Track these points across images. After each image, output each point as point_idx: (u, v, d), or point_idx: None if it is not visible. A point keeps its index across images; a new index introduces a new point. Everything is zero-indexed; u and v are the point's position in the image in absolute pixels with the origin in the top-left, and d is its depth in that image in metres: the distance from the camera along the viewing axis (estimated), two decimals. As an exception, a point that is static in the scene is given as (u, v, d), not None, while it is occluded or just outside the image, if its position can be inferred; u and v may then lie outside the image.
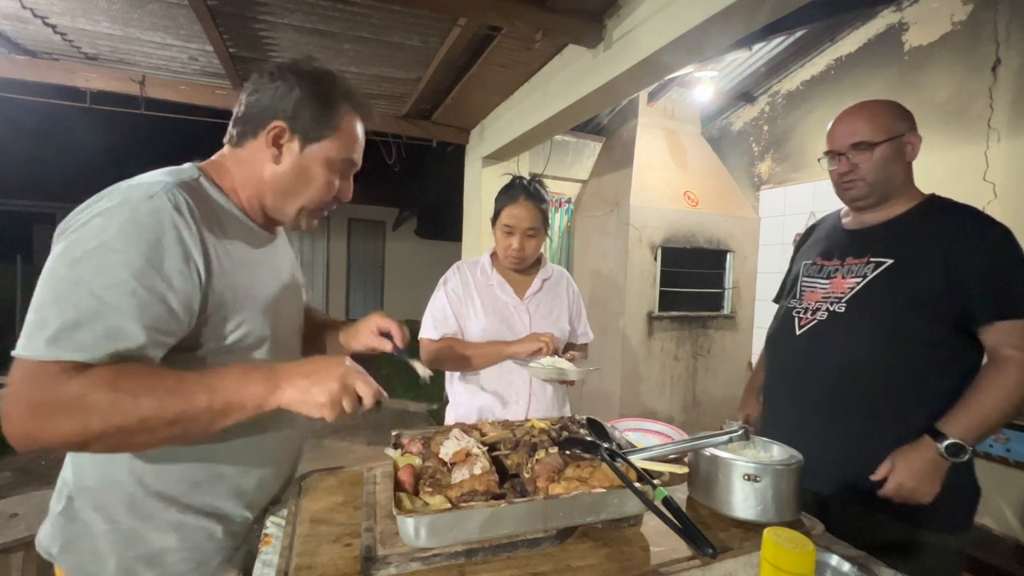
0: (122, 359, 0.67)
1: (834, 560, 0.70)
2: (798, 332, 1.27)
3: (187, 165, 0.85)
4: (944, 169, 2.69)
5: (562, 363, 1.35)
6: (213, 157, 0.90)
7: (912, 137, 1.17)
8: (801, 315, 1.28)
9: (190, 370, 0.71)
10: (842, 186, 1.24)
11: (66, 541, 0.81)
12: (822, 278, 1.28)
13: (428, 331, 1.52)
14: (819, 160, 1.29)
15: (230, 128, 0.89)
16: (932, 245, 1.10)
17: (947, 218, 1.13)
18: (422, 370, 1.06)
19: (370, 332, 1.07)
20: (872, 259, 1.18)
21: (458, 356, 1.46)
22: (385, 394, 0.78)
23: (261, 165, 0.86)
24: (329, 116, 0.87)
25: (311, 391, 0.71)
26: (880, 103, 1.20)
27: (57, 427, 0.63)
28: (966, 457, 1.02)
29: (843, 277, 1.22)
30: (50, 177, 6.03)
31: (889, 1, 2.96)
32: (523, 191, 1.48)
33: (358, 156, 0.93)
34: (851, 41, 3.23)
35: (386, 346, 1.06)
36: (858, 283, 1.18)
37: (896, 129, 1.16)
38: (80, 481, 0.81)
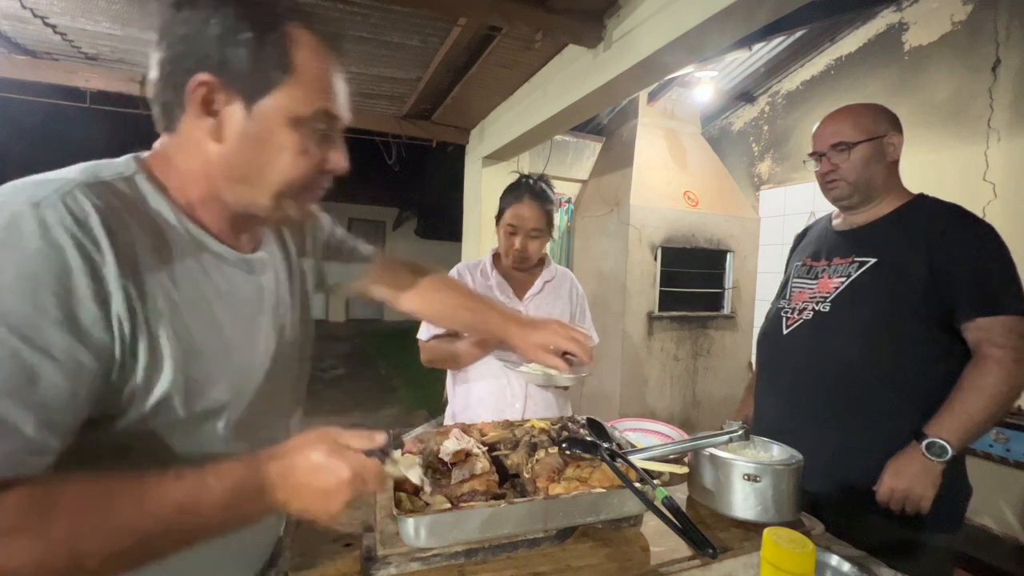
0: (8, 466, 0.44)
1: (834, 560, 0.70)
2: (785, 332, 1.28)
3: (124, 157, 0.60)
4: (944, 169, 2.69)
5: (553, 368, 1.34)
6: (153, 148, 0.63)
7: (894, 138, 1.19)
8: (789, 315, 1.30)
9: (118, 462, 0.52)
10: (825, 186, 1.27)
11: None
12: (810, 278, 1.29)
13: (421, 332, 1.52)
14: (804, 162, 1.31)
15: (152, 102, 0.61)
16: (916, 243, 1.11)
17: (931, 217, 1.14)
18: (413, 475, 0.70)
19: (539, 347, 0.97)
20: (856, 258, 1.20)
21: (447, 353, 1.46)
22: (385, 448, 0.61)
23: (201, 146, 0.59)
24: (276, 50, 0.57)
25: (319, 502, 0.55)
26: (863, 105, 1.23)
27: None
28: (949, 457, 1.01)
29: (829, 277, 1.24)
30: (50, 177, 6.00)
31: (889, 1, 2.96)
32: (528, 191, 1.47)
33: (337, 103, 0.63)
34: (851, 41, 3.23)
35: (559, 365, 0.95)
36: (842, 282, 1.20)
37: (876, 130, 1.18)
38: None
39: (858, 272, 1.18)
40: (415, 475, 0.66)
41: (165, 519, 0.49)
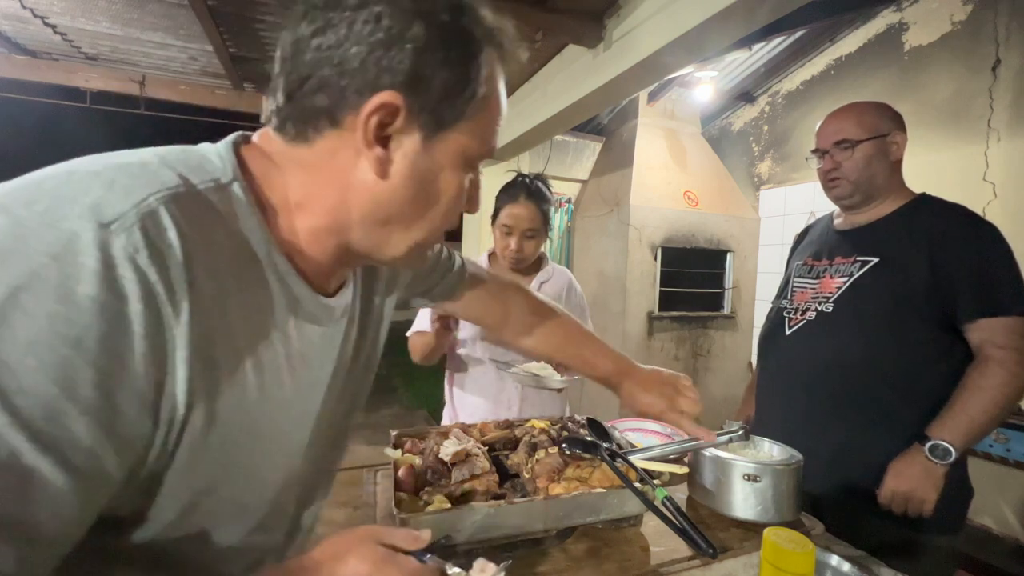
0: None
1: (834, 560, 0.70)
2: (788, 332, 1.28)
3: (222, 151, 0.45)
4: (944, 169, 2.69)
5: (545, 370, 1.32)
6: (256, 141, 0.48)
7: (897, 137, 1.18)
8: (791, 315, 1.29)
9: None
10: (827, 184, 1.26)
11: None
12: (811, 278, 1.29)
13: (412, 329, 1.50)
14: (806, 159, 1.30)
15: (273, 103, 0.47)
16: (918, 243, 1.11)
17: (934, 216, 1.13)
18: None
19: (646, 406, 0.88)
20: (859, 258, 1.19)
21: (424, 346, 1.44)
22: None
23: (350, 176, 0.45)
24: (473, 77, 0.46)
25: None
26: (867, 104, 1.22)
27: None
28: (952, 459, 1.01)
29: (831, 277, 1.23)
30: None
31: (889, 1, 2.96)
32: (524, 190, 1.44)
33: (497, 139, 0.53)
34: (851, 41, 3.23)
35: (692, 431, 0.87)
36: (845, 282, 1.19)
37: (880, 128, 1.17)
38: None
39: (860, 272, 1.17)
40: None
41: None
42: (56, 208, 0.32)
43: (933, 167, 2.72)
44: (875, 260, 1.16)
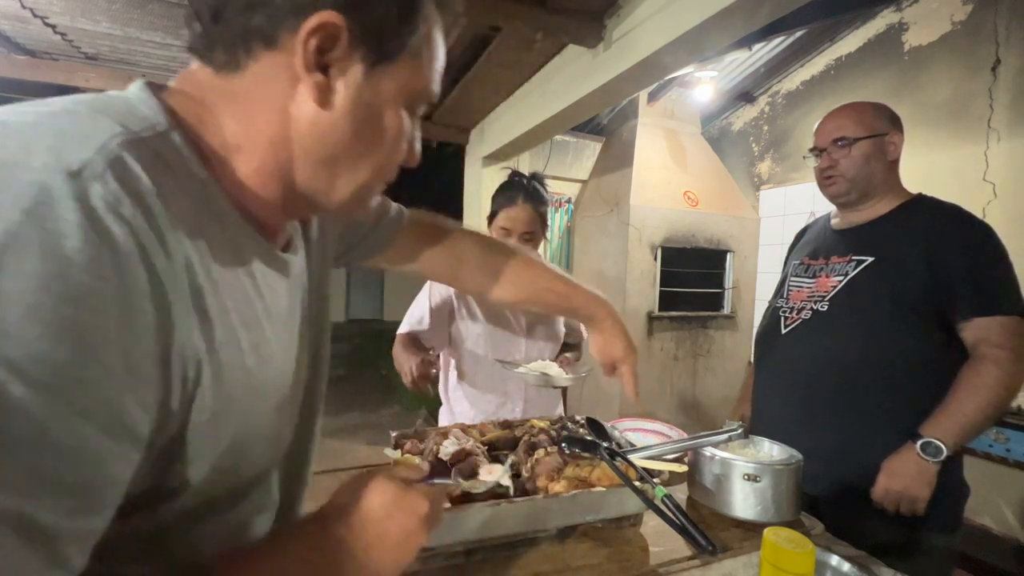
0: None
1: (834, 560, 0.70)
2: (784, 331, 1.28)
3: (137, 92, 0.40)
4: (944, 169, 2.69)
5: (551, 368, 1.32)
6: (177, 86, 0.44)
7: (895, 137, 1.19)
8: (787, 314, 1.30)
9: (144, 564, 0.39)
10: (823, 182, 1.26)
11: None
12: (808, 277, 1.29)
13: (401, 327, 1.46)
14: (804, 157, 1.31)
15: (198, 26, 0.42)
16: (914, 243, 1.11)
17: (930, 216, 1.14)
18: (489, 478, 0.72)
19: (607, 354, 0.91)
20: (854, 257, 1.20)
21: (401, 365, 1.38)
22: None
23: (288, 107, 0.42)
24: (416, 11, 0.45)
25: (400, 550, 0.47)
26: (865, 103, 1.23)
27: None
28: (943, 457, 1.01)
29: (827, 276, 1.24)
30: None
31: (889, 1, 2.96)
32: (522, 192, 1.44)
33: (438, 81, 0.51)
34: (851, 41, 3.23)
35: (626, 384, 0.91)
36: (840, 281, 1.20)
37: (878, 127, 1.18)
38: None
39: (856, 271, 1.18)
40: (506, 480, 0.58)
41: None
42: (9, 160, 0.29)
43: (933, 167, 2.72)
44: (871, 259, 1.17)
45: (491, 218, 1.50)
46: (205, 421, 0.38)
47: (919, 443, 1.03)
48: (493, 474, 0.55)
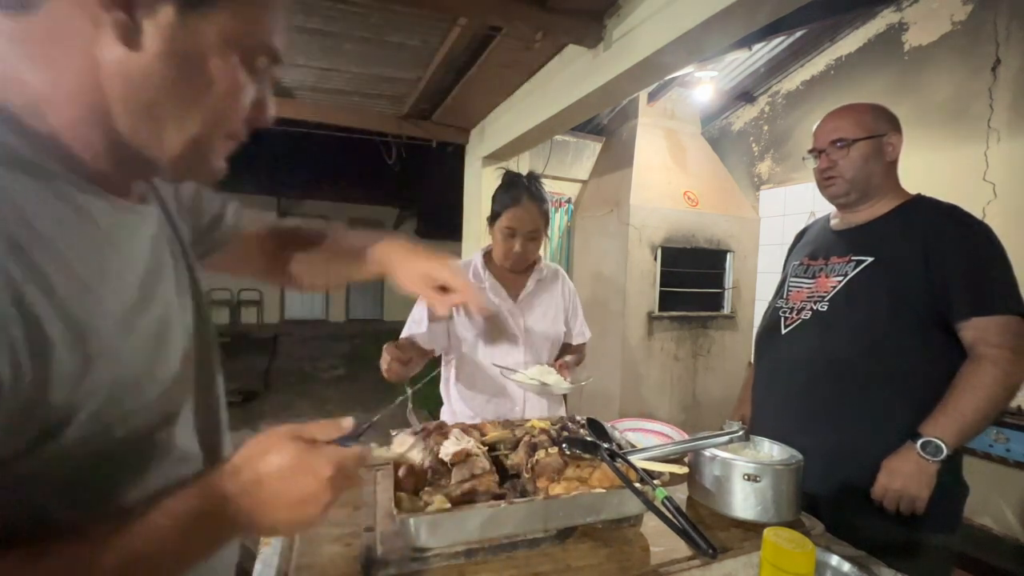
0: None
1: (834, 560, 0.70)
2: (784, 331, 1.29)
3: None
4: (944, 169, 2.69)
5: (549, 376, 1.32)
6: None
7: (893, 137, 1.20)
8: (787, 315, 1.30)
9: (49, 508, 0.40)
10: (822, 183, 1.27)
11: None
12: (807, 278, 1.30)
13: (404, 332, 1.47)
14: (803, 158, 1.32)
15: None
16: (913, 243, 1.12)
17: (928, 216, 1.15)
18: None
19: (417, 280, 0.81)
20: (854, 257, 1.20)
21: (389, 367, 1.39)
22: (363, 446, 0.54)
23: (92, 47, 0.40)
24: None
25: (298, 512, 0.47)
26: (864, 104, 1.24)
27: None
28: (943, 456, 1.02)
29: (826, 276, 1.24)
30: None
31: (889, 1, 2.96)
32: (526, 192, 1.44)
33: (279, 36, 0.49)
34: (851, 41, 3.23)
35: (439, 305, 0.80)
36: (840, 282, 1.20)
37: (876, 128, 1.19)
38: None
39: (855, 271, 1.18)
40: (416, 455, 0.56)
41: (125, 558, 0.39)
42: None
43: (933, 167, 2.72)
44: (870, 259, 1.17)
45: (493, 218, 1.49)
46: (69, 372, 0.38)
47: (919, 442, 1.03)
48: (403, 446, 0.55)
